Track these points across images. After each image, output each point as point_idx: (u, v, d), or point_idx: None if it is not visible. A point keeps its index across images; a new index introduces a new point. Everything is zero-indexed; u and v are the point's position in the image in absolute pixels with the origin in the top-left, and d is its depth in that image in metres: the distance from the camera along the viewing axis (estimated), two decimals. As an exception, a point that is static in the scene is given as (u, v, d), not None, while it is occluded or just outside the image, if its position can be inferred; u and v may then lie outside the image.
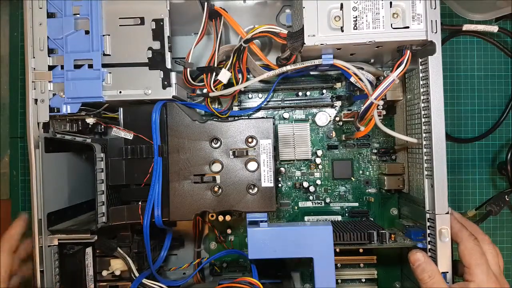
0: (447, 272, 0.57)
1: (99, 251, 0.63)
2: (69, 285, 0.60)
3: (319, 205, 0.77)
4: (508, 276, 0.79)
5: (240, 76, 0.68)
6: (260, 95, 0.76)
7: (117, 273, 0.63)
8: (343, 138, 0.75)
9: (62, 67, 0.60)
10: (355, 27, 0.58)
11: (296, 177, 0.77)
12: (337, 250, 0.69)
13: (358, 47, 0.60)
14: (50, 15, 0.60)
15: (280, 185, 0.77)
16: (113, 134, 0.61)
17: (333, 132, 0.76)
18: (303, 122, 0.76)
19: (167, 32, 0.60)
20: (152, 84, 0.60)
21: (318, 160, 0.76)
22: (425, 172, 0.60)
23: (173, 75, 0.60)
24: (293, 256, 0.59)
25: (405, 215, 0.73)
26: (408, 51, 0.58)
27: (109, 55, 0.60)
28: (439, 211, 0.57)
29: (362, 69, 0.65)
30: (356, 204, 0.76)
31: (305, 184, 0.76)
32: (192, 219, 0.62)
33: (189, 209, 0.61)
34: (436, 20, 0.57)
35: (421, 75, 0.60)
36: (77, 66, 0.60)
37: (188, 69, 0.66)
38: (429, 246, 0.59)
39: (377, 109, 0.62)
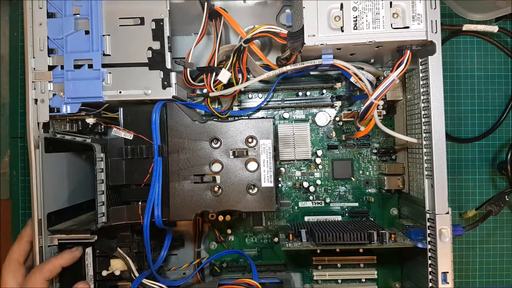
0: (447, 272, 0.57)
1: (99, 251, 0.63)
2: (69, 285, 0.59)
3: (319, 205, 0.77)
4: (508, 276, 0.79)
5: (240, 76, 0.68)
6: (260, 95, 0.76)
7: (117, 273, 0.63)
8: (343, 138, 0.75)
9: (62, 67, 0.60)
10: (355, 27, 0.58)
11: (296, 177, 0.77)
12: (337, 250, 0.70)
13: (358, 47, 0.60)
14: (50, 15, 0.60)
15: (280, 185, 0.77)
16: (113, 134, 0.61)
17: (333, 132, 0.76)
18: (303, 122, 0.76)
19: (167, 32, 0.60)
20: (152, 84, 0.60)
21: (318, 160, 0.76)
22: (425, 172, 0.60)
23: (173, 75, 0.60)
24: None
25: (405, 215, 0.73)
26: (408, 51, 0.58)
27: (109, 55, 0.60)
28: (439, 211, 0.57)
29: (362, 69, 0.65)
30: (356, 204, 0.76)
31: (305, 184, 0.76)
32: (192, 219, 0.62)
33: (189, 209, 0.61)
34: (436, 20, 0.57)
35: (421, 75, 0.60)
36: (77, 66, 0.60)
37: (188, 69, 0.66)
38: (429, 246, 0.59)
39: (377, 109, 0.62)
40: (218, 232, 0.77)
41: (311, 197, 0.77)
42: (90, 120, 0.63)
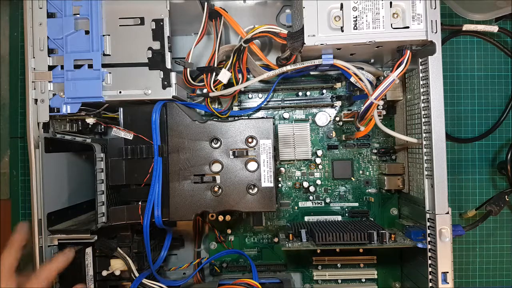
0: (447, 272, 0.57)
1: (99, 251, 0.63)
2: (69, 285, 0.59)
3: (319, 205, 0.77)
4: (508, 276, 0.79)
5: (240, 76, 0.68)
6: (260, 95, 0.76)
7: (117, 273, 0.63)
8: (343, 138, 0.75)
9: (62, 67, 0.60)
10: (355, 27, 0.58)
11: (296, 177, 0.77)
12: (337, 250, 0.70)
13: (358, 47, 0.60)
14: (50, 15, 0.60)
15: (280, 185, 0.77)
16: (113, 134, 0.61)
17: (333, 132, 0.76)
18: (303, 122, 0.76)
19: (167, 32, 0.60)
20: (152, 84, 0.60)
21: (318, 160, 0.76)
22: (425, 172, 0.60)
23: (173, 75, 0.60)
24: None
25: (405, 215, 0.73)
26: (408, 51, 0.58)
27: (109, 55, 0.60)
28: (439, 211, 0.57)
29: (362, 69, 0.65)
30: (356, 204, 0.76)
31: (305, 184, 0.76)
32: (192, 219, 0.62)
33: (189, 209, 0.61)
34: (436, 20, 0.57)
35: (421, 75, 0.60)
36: (77, 66, 0.60)
37: (188, 69, 0.66)
38: (429, 246, 0.59)
39: (377, 109, 0.62)
40: (218, 232, 0.77)
41: (311, 197, 0.77)
42: (90, 120, 0.63)
